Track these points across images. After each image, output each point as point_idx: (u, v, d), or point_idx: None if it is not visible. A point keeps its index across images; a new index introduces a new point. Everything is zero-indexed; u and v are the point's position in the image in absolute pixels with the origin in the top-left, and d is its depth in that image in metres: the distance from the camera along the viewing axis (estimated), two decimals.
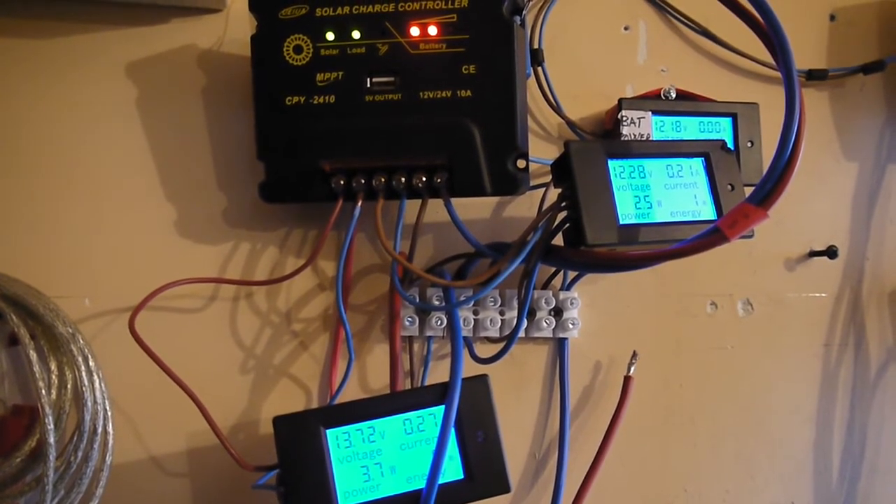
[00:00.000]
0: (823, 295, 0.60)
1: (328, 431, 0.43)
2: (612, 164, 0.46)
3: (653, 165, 0.47)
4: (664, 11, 0.60)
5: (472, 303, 0.53)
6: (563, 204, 0.45)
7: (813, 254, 0.60)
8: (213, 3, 0.53)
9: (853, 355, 0.61)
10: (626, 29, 0.60)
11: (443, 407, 0.43)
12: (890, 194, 0.62)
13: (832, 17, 0.62)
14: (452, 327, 0.47)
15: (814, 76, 0.61)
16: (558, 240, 0.47)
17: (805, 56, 0.61)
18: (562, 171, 0.46)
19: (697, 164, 0.48)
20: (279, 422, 0.42)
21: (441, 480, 0.43)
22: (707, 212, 0.47)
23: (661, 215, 0.46)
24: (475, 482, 0.43)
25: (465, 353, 0.48)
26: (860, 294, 0.61)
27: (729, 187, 0.48)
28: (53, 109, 0.52)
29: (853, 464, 0.60)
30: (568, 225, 0.45)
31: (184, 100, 0.53)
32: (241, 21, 0.54)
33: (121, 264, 0.52)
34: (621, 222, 0.45)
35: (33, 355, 0.46)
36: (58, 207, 0.52)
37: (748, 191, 0.48)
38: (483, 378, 0.45)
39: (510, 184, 0.47)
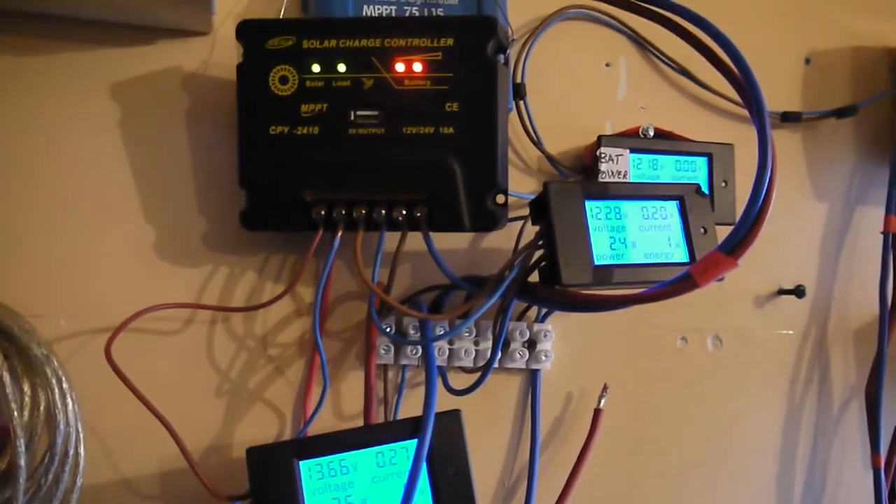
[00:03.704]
0: (790, 332, 0.62)
1: (301, 463, 0.43)
2: (589, 205, 0.47)
3: (629, 207, 0.48)
4: (645, 49, 0.61)
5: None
6: (540, 242, 0.46)
7: (781, 292, 0.62)
8: (200, 26, 0.54)
9: (817, 392, 0.62)
10: (607, 65, 0.61)
11: (415, 441, 0.44)
12: (858, 235, 0.64)
13: (807, 61, 0.64)
14: (427, 362, 0.47)
15: (788, 118, 0.62)
16: (535, 276, 0.47)
17: (780, 98, 0.63)
18: (540, 209, 0.46)
19: (672, 206, 0.49)
20: (252, 453, 0.43)
21: None
22: (680, 254, 0.49)
23: (635, 256, 0.47)
24: None
25: (439, 385, 0.48)
26: (826, 332, 0.63)
27: (702, 230, 0.49)
28: (33, 128, 0.52)
29: (814, 499, 0.62)
30: (544, 263, 0.46)
31: (167, 122, 0.53)
32: (228, 45, 0.54)
33: (98, 285, 0.52)
34: (596, 263, 0.46)
35: (6, 376, 0.46)
36: (35, 226, 0.52)
37: (720, 230, 0.49)
38: (455, 413, 0.46)
39: (489, 220, 0.48)
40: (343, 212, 0.48)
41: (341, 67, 0.48)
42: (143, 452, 0.52)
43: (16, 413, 0.46)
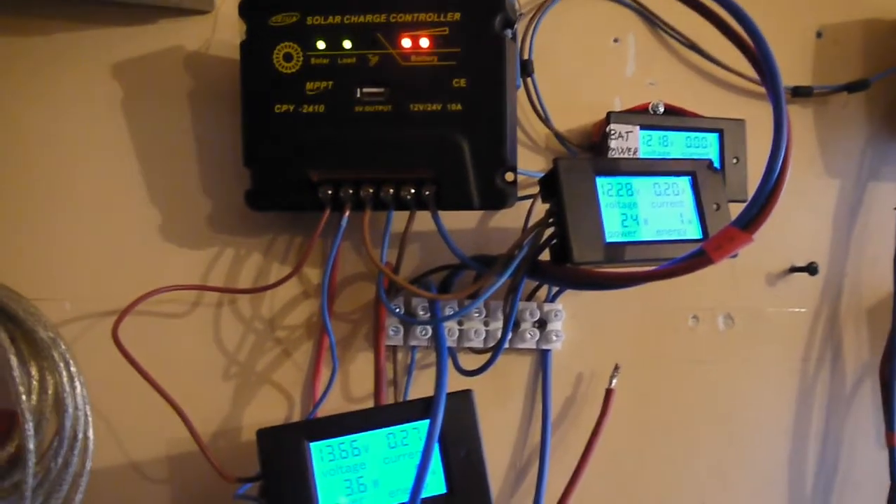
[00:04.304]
0: (803, 310, 0.61)
1: (312, 445, 0.43)
2: (599, 181, 0.46)
3: (640, 183, 0.47)
4: (654, 24, 0.60)
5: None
6: (550, 220, 0.45)
7: (793, 269, 0.61)
8: (202, 4, 0.53)
9: (830, 370, 0.62)
10: (615, 41, 0.60)
11: (427, 422, 0.43)
12: (870, 212, 0.63)
13: (819, 35, 0.63)
14: (438, 342, 0.47)
15: (799, 93, 0.61)
16: (545, 255, 0.47)
17: (791, 73, 0.62)
18: (550, 187, 0.46)
19: (684, 182, 0.48)
20: (263, 434, 0.42)
21: (424, 495, 0.43)
22: (692, 231, 0.48)
23: (647, 234, 0.47)
24: (457, 497, 0.44)
25: (449, 365, 0.48)
26: (838, 310, 0.62)
27: (714, 206, 0.49)
28: (36, 109, 0.51)
29: (827, 477, 0.61)
30: (555, 241, 0.46)
31: (170, 102, 0.53)
32: (230, 23, 0.53)
33: (103, 267, 0.51)
34: (608, 240, 0.45)
35: (13, 360, 0.46)
36: (39, 208, 0.51)
37: (732, 207, 0.48)
38: (467, 393, 0.45)
39: (498, 198, 0.47)
40: (350, 191, 0.47)
41: (346, 44, 0.47)
42: (152, 435, 0.51)
43: (24, 396, 0.46)
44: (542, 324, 0.55)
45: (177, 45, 0.53)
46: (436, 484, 0.44)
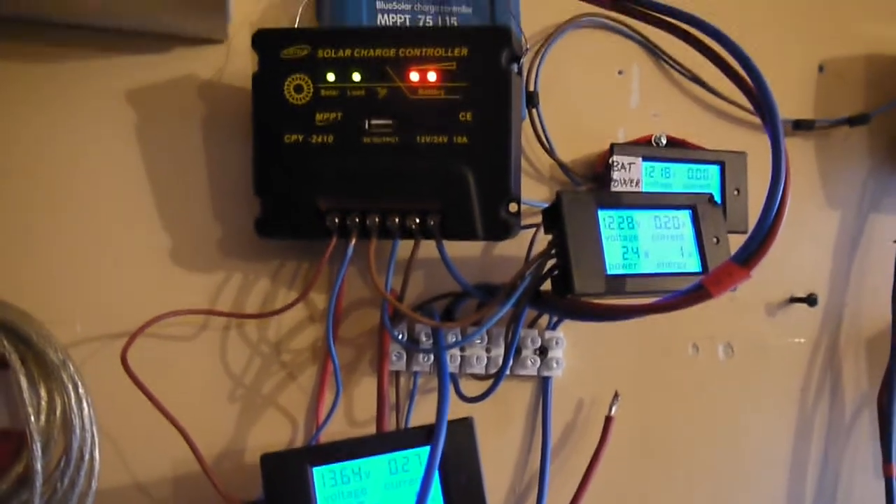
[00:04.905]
0: (802, 340, 0.62)
1: (315, 469, 0.43)
2: (601, 214, 0.47)
3: (641, 216, 0.48)
4: (657, 57, 0.61)
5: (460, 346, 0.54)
6: (553, 251, 0.46)
7: (793, 300, 0.62)
8: (215, 34, 0.54)
9: (829, 400, 0.62)
10: (620, 73, 0.61)
11: (428, 448, 0.44)
12: (871, 243, 0.64)
13: (821, 69, 0.64)
14: (440, 370, 0.48)
15: (800, 126, 0.62)
16: (547, 285, 0.48)
17: (792, 106, 0.63)
18: (553, 218, 0.47)
19: (685, 216, 0.49)
20: (266, 459, 0.43)
21: None
22: (692, 264, 0.49)
23: (647, 266, 0.47)
24: None
25: (450, 392, 0.48)
26: (838, 340, 0.63)
27: (714, 240, 0.49)
28: (50, 133, 0.52)
29: None
30: (556, 272, 0.46)
31: (183, 129, 0.54)
32: (243, 53, 0.54)
33: (114, 290, 0.52)
34: (609, 272, 0.46)
35: (23, 381, 0.47)
36: (51, 231, 0.52)
37: (733, 238, 0.49)
38: (468, 421, 0.46)
39: (502, 229, 0.48)
40: (357, 220, 0.48)
41: (356, 76, 0.48)
42: (157, 457, 0.52)
43: (32, 418, 0.46)
44: (543, 351, 0.55)
45: (190, 73, 0.54)
46: None
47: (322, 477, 0.43)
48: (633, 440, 0.58)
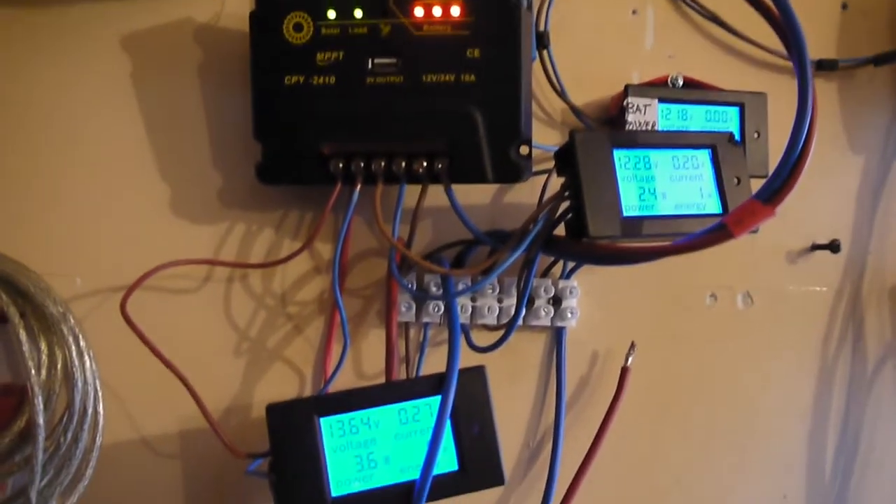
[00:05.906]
0: (824, 289, 0.60)
1: (322, 420, 0.42)
2: (617, 154, 0.45)
3: (658, 156, 0.46)
4: None
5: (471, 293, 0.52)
6: (566, 194, 0.44)
7: (815, 247, 0.59)
8: None
9: (851, 350, 0.61)
10: (633, 13, 0.58)
11: (439, 398, 0.43)
12: (895, 189, 0.62)
13: (844, 6, 0.61)
14: (450, 317, 0.46)
15: (823, 66, 0.60)
16: (560, 230, 0.46)
17: (815, 45, 0.60)
18: (565, 160, 0.45)
19: (704, 155, 0.47)
20: (272, 410, 0.42)
21: (435, 472, 0.42)
22: (712, 205, 0.47)
23: (665, 208, 0.45)
24: (469, 474, 0.43)
25: (461, 342, 0.47)
26: (861, 289, 0.61)
27: (735, 181, 0.47)
28: (46, 84, 0.51)
29: (846, 458, 0.60)
30: (570, 215, 0.45)
31: (179, 76, 0.52)
32: None
33: (113, 243, 0.51)
34: (625, 214, 0.44)
35: (23, 334, 0.46)
36: (50, 184, 0.51)
37: (753, 183, 0.47)
38: (480, 369, 0.44)
39: (513, 171, 0.46)
40: (361, 164, 0.46)
41: (358, 13, 0.46)
42: (162, 411, 0.51)
43: (33, 371, 0.45)
44: (556, 301, 0.54)
45: (186, 17, 0.52)
46: (447, 461, 0.43)
47: (330, 427, 0.42)
48: (650, 392, 0.57)
